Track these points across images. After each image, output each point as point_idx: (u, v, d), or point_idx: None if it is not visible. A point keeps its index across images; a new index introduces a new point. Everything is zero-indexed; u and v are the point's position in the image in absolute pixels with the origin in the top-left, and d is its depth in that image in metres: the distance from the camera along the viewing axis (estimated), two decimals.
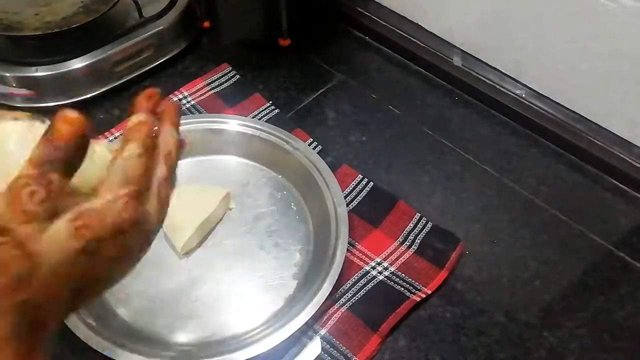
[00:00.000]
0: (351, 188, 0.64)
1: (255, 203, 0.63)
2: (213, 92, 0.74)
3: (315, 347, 0.52)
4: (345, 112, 0.74)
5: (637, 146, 0.65)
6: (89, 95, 0.72)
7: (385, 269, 0.58)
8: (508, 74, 0.73)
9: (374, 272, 0.57)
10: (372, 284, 0.56)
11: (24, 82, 0.70)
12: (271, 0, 0.73)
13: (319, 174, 0.62)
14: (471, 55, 0.75)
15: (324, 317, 0.54)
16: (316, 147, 0.68)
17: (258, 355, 0.49)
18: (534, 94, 0.71)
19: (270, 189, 0.64)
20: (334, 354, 0.52)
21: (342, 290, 0.56)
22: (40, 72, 0.69)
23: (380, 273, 0.57)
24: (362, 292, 0.56)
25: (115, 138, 0.68)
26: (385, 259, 0.58)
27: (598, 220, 0.63)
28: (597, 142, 0.67)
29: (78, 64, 0.70)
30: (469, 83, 0.75)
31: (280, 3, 0.73)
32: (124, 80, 0.74)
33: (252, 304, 0.56)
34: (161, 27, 0.76)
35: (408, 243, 0.60)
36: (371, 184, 0.64)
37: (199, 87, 0.74)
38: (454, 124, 0.73)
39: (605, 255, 0.60)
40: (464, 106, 0.75)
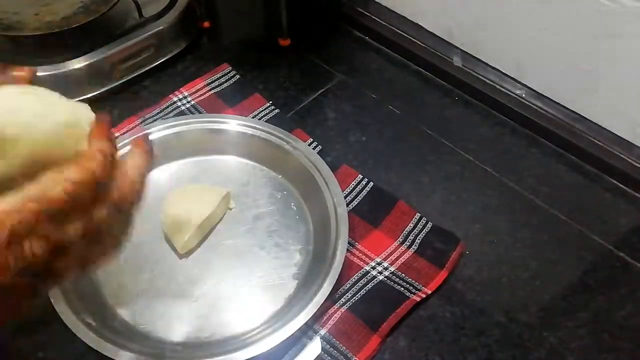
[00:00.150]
0: (351, 188, 0.64)
1: (255, 203, 0.63)
2: (213, 92, 0.74)
3: (315, 347, 0.52)
4: (345, 112, 0.74)
5: (637, 146, 0.65)
6: (89, 95, 0.72)
7: (385, 269, 0.58)
8: (508, 74, 0.73)
9: (374, 272, 0.57)
10: (372, 284, 0.56)
11: None
12: (271, 0, 0.73)
13: (319, 174, 0.62)
14: (471, 55, 0.75)
15: (324, 317, 0.54)
16: (316, 147, 0.68)
17: (258, 355, 0.49)
18: (534, 94, 0.71)
19: (270, 189, 0.64)
20: (334, 354, 0.52)
21: (342, 290, 0.56)
22: (40, 72, 0.68)
23: (380, 273, 0.57)
24: (362, 292, 0.56)
25: (115, 138, 0.67)
26: (385, 259, 0.58)
27: (598, 220, 0.63)
28: (597, 142, 0.67)
29: (78, 64, 0.70)
30: (469, 83, 0.75)
31: (280, 3, 0.73)
32: (124, 80, 0.74)
33: (252, 304, 0.56)
34: (161, 27, 0.76)
35: (408, 243, 0.60)
36: (371, 184, 0.64)
37: (199, 87, 0.74)
38: (454, 124, 0.73)
39: (605, 255, 0.60)
40: (464, 106, 0.75)
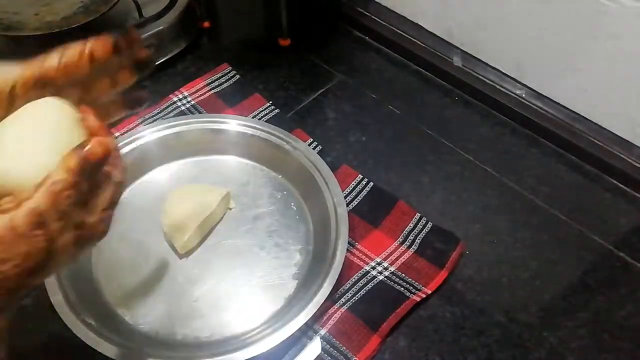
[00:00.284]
0: (351, 188, 0.64)
1: (255, 203, 0.63)
2: (213, 92, 0.74)
3: (315, 347, 0.52)
4: (345, 112, 0.74)
5: (637, 146, 0.65)
6: None
7: (385, 269, 0.58)
8: (508, 74, 0.73)
9: (374, 272, 0.57)
10: (372, 284, 0.56)
11: None
12: (271, 0, 0.73)
13: (319, 174, 0.62)
14: (471, 55, 0.75)
15: (324, 317, 0.54)
16: (316, 147, 0.68)
17: (258, 355, 0.49)
18: (534, 94, 0.71)
19: (270, 189, 0.64)
20: (334, 354, 0.52)
21: (342, 290, 0.56)
22: None
23: (380, 273, 0.57)
24: (362, 292, 0.56)
25: (116, 138, 0.67)
26: (385, 259, 0.58)
27: (598, 220, 0.63)
28: (597, 142, 0.67)
29: None
30: (469, 83, 0.75)
31: (280, 3, 0.73)
32: None
33: (252, 304, 0.56)
34: (161, 27, 0.76)
35: (408, 243, 0.60)
36: (371, 184, 0.64)
37: (199, 87, 0.74)
38: (454, 124, 0.73)
39: (605, 255, 0.60)
40: (464, 106, 0.75)
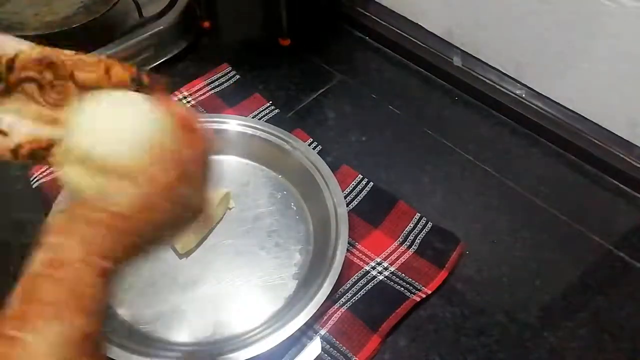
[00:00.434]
0: (351, 188, 0.64)
1: (255, 203, 0.63)
2: (213, 92, 0.74)
3: (315, 347, 0.52)
4: (345, 112, 0.74)
5: (637, 146, 0.65)
6: None
7: (385, 269, 0.58)
8: (508, 74, 0.73)
9: (374, 272, 0.57)
10: (372, 284, 0.56)
11: None
12: (271, 0, 0.73)
13: (319, 174, 0.62)
14: (471, 55, 0.75)
15: (324, 317, 0.54)
16: (316, 147, 0.68)
17: (258, 355, 0.49)
18: (534, 94, 0.71)
19: (270, 189, 0.64)
20: (334, 354, 0.52)
21: (342, 290, 0.56)
22: None
23: (380, 273, 0.57)
24: (362, 292, 0.56)
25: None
26: (385, 259, 0.58)
27: (598, 220, 0.63)
28: (597, 142, 0.67)
29: None
30: (469, 83, 0.75)
31: (280, 3, 0.73)
32: None
33: (252, 304, 0.56)
34: (161, 27, 0.76)
35: (408, 243, 0.60)
36: (371, 184, 0.64)
37: (199, 87, 0.74)
38: (454, 124, 0.73)
39: (605, 255, 0.60)
40: (464, 106, 0.75)
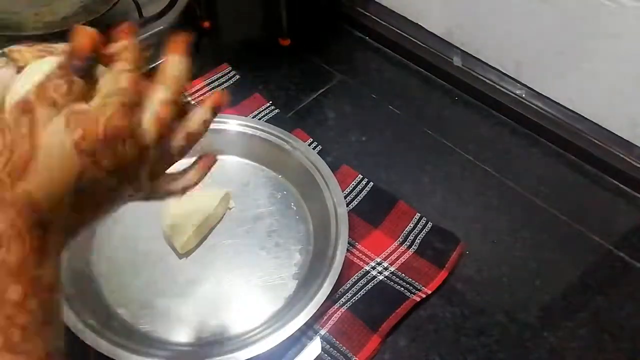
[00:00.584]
0: (351, 188, 0.64)
1: (255, 203, 0.63)
2: (213, 92, 0.74)
3: (315, 347, 0.52)
4: (345, 112, 0.74)
5: (637, 146, 0.65)
6: None
7: (385, 269, 0.58)
8: (508, 74, 0.73)
9: (374, 272, 0.57)
10: (372, 284, 0.56)
11: None
12: (271, 0, 0.73)
13: (319, 174, 0.62)
14: (471, 55, 0.75)
15: (324, 317, 0.54)
16: (316, 147, 0.68)
17: (258, 355, 0.49)
18: (534, 94, 0.71)
19: (270, 189, 0.64)
20: (334, 354, 0.52)
21: (342, 290, 0.56)
22: None
23: (380, 273, 0.57)
24: (362, 292, 0.56)
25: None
26: (385, 259, 0.58)
27: (598, 220, 0.63)
28: (597, 142, 0.67)
29: None
30: (469, 83, 0.75)
31: (280, 3, 0.73)
32: None
33: (252, 304, 0.56)
34: (161, 27, 0.76)
35: (408, 243, 0.60)
36: (371, 184, 0.64)
37: (199, 87, 0.74)
38: (454, 124, 0.73)
39: (605, 255, 0.60)
40: (464, 106, 0.75)
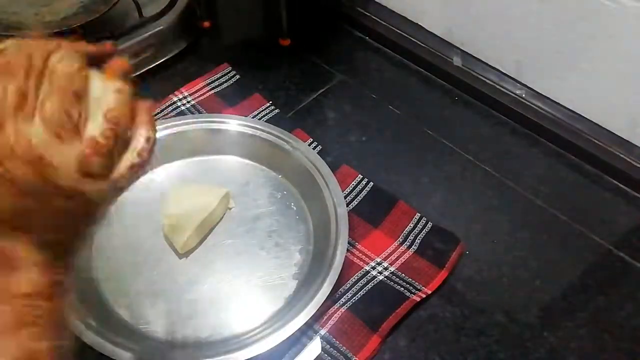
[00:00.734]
0: (351, 188, 0.64)
1: (255, 203, 0.63)
2: (213, 92, 0.74)
3: (315, 347, 0.52)
4: (345, 112, 0.74)
5: (637, 146, 0.65)
6: None
7: (385, 269, 0.58)
8: (508, 74, 0.73)
9: (374, 272, 0.57)
10: (372, 284, 0.56)
11: None
12: (271, 0, 0.73)
13: (319, 174, 0.62)
14: (471, 55, 0.75)
15: (324, 317, 0.54)
16: (316, 147, 0.68)
17: (258, 355, 0.49)
18: (534, 94, 0.71)
19: (270, 189, 0.64)
20: (334, 354, 0.52)
21: (342, 290, 0.56)
22: None
23: (380, 273, 0.57)
24: (362, 292, 0.56)
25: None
26: (385, 259, 0.58)
27: (598, 220, 0.63)
28: (597, 142, 0.67)
29: None
30: (469, 83, 0.75)
31: (280, 3, 0.73)
32: None
33: (252, 304, 0.56)
34: (161, 27, 0.76)
35: (408, 243, 0.60)
36: (371, 184, 0.64)
37: (199, 87, 0.74)
38: (454, 124, 0.73)
39: (605, 255, 0.60)
40: (464, 106, 0.75)
